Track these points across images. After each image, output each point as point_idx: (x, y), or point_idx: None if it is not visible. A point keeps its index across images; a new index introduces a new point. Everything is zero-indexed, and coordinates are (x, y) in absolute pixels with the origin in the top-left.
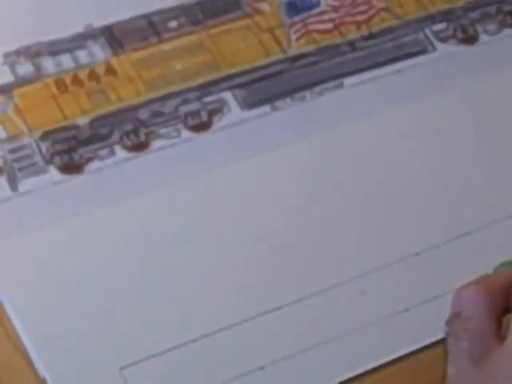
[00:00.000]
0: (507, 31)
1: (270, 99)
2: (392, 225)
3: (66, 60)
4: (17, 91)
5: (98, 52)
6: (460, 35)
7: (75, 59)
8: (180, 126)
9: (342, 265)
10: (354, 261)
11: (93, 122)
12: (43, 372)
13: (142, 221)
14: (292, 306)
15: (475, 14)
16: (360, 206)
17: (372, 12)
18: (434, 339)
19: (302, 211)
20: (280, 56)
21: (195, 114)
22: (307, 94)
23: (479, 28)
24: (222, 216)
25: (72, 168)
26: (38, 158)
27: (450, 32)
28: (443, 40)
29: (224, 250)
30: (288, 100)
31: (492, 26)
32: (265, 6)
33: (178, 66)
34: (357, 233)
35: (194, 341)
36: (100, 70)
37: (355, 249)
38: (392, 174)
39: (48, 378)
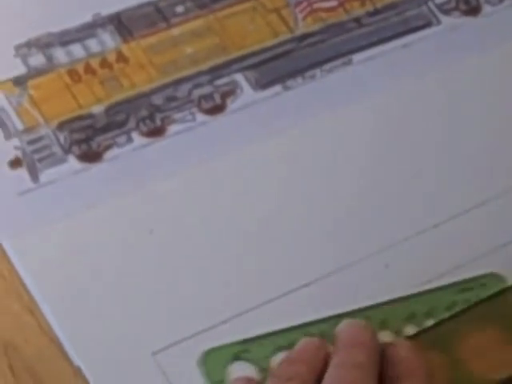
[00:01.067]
0: (509, 1)
1: (281, 79)
2: (410, 197)
3: (77, 49)
4: (31, 82)
5: (108, 40)
6: (463, 7)
7: (86, 48)
8: (194, 109)
9: (366, 239)
10: (378, 235)
11: (108, 110)
12: (77, 361)
13: (164, 207)
14: (318, 282)
15: None
16: (378, 181)
17: None
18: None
19: (322, 188)
20: (288, 36)
21: (208, 97)
22: (317, 72)
23: None
24: (242, 198)
25: (91, 156)
26: (56, 148)
27: (453, 4)
28: (447, 12)
29: (246, 232)
30: (299, 79)
31: None
32: None
33: (188, 50)
34: (377, 207)
35: (224, 322)
36: (111, 58)
37: (377, 223)
38: (405, 147)
39: (82, 367)
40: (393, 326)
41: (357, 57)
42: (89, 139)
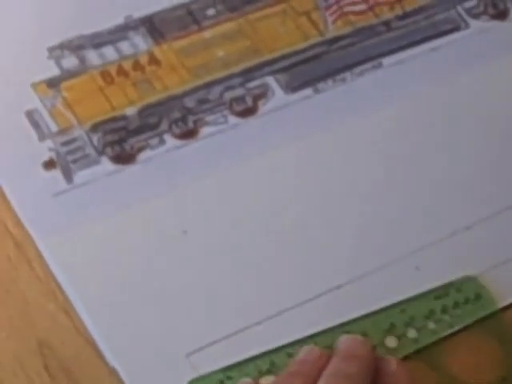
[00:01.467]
0: None
1: (311, 82)
2: (442, 199)
3: (110, 52)
4: (64, 84)
5: (140, 42)
6: (491, 11)
7: (118, 50)
8: (226, 112)
9: (398, 242)
10: (408, 237)
11: (141, 112)
12: (112, 362)
13: (197, 208)
14: (349, 284)
15: None
16: (408, 183)
17: None
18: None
19: (353, 190)
20: (318, 39)
21: (240, 99)
22: (348, 75)
23: (508, 3)
24: (274, 200)
25: (124, 158)
26: (90, 150)
27: (482, 8)
28: (475, 16)
29: (279, 233)
30: (329, 82)
31: None
32: None
33: (220, 52)
34: (409, 209)
35: (258, 323)
36: (143, 60)
37: (408, 225)
38: (436, 149)
39: (117, 367)
40: (374, 339)
41: (387, 60)
42: (122, 141)
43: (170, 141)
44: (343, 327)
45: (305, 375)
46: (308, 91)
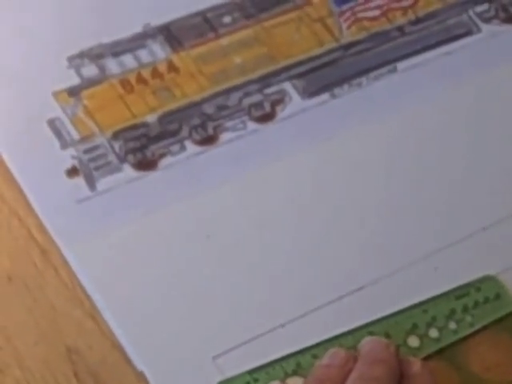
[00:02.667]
0: None
1: (328, 87)
2: (459, 201)
3: (129, 60)
4: (84, 93)
5: (158, 50)
6: (502, 15)
7: (137, 59)
8: (245, 117)
9: (417, 243)
10: (427, 239)
11: (161, 119)
12: (140, 366)
13: (219, 213)
14: (372, 286)
15: None
16: (430, 185)
17: None
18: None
19: (371, 193)
20: (333, 45)
21: (258, 105)
22: (363, 80)
23: None
24: (295, 203)
25: (146, 165)
26: (112, 157)
27: (493, 12)
28: (487, 21)
29: (301, 237)
30: (345, 87)
31: None
32: None
33: (237, 59)
34: (427, 211)
35: (282, 326)
36: (162, 68)
37: (427, 227)
38: (452, 152)
39: (145, 372)
40: (396, 339)
41: (401, 65)
42: (143, 148)
43: (191, 147)
44: (367, 328)
45: (332, 380)
46: (325, 96)
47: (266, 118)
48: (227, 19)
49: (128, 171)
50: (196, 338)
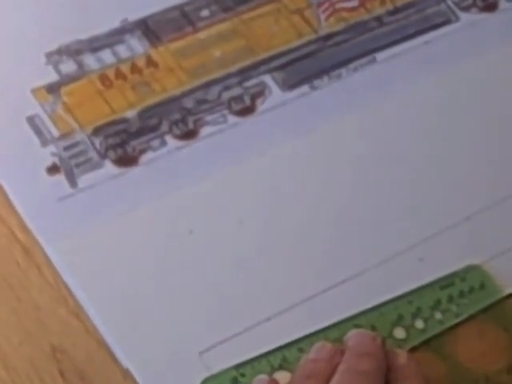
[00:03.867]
0: None
1: (307, 79)
2: (441, 191)
3: (107, 55)
4: (63, 89)
5: (137, 45)
6: (480, 3)
7: (116, 54)
8: (225, 111)
9: (401, 234)
10: (411, 230)
11: (141, 114)
12: (126, 363)
13: (202, 207)
14: (356, 278)
15: None
16: (412, 176)
17: None
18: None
19: (352, 186)
20: (312, 36)
21: (238, 98)
22: (343, 71)
23: None
24: (277, 197)
25: (127, 161)
26: (92, 154)
27: (470, 1)
28: (465, 9)
29: (282, 231)
30: (325, 78)
31: None
32: None
33: (216, 53)
34: (409, 202)
35: (267, 320)
36: (141, 63)
37: (410, 218)
38: (434, 142)
39: (132, 369)
40: (382, 331)
41: (380, 55)
42: (124, 143)
43: (171, 142)
44: (352, 320)
45: (319, 375)
46: (305, 88)
47: (247, 111)
48: (205, 13)
49: (109, 167)
50: (182, 334)
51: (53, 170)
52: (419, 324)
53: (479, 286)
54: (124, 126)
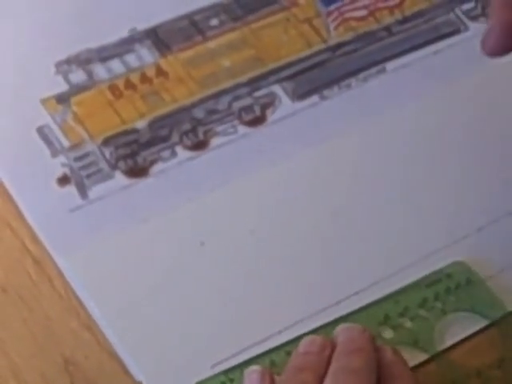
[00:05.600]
0: None
1: (317, 89)
2: (454, 201)
3: (117, 65)
4: (73, 99)
5: (146, 55)
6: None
7: (125, 64)
8: (236, 122)
9: (411, 246)
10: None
11: (151, 125)
12: (139, 376)
13: (213, 219)
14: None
15: None
16: (424, 187)
17: None
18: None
19: (367, 193)
20: (321, 46)
21: (248, 108)
22: (353, 81)
23: None
24: (289, 208)
25: (137, 172)
26: (103, 164)
27: (479, 10)
28: (474, 19)
29: (296, 241)
30: (335, 88)
31: None
32: None
33: (226, 62)
34: (419, 209)
35: (279, 332)
36: (151, 73)
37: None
38: (445, 151)
39: (144, 382)
40: (370, 331)
41: (390, 65)
42: (134, 154)
43: (182, 152)
44: (338, 322)
45: (312, 368)
46: (315, 98)
47: (257, 121)
48: (214, 22)
49: (119, 178)
50: (194, 346)
51: (63, 180)
52: (407, 323)
53: (465, 281)
54: (134, 136)
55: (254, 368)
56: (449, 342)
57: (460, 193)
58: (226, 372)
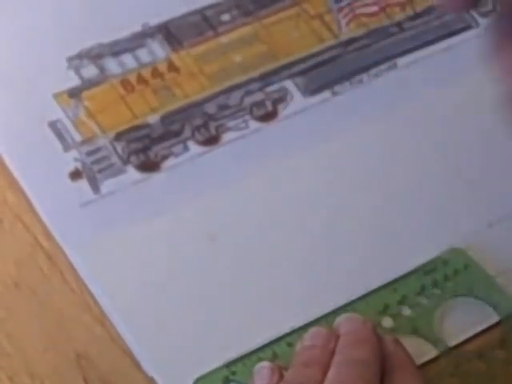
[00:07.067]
0: None
1: (329, 84)
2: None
3: (128, 60)
4: (85, 94)
5: (158, 50)
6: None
7: (137, 58)
8: (247, 117)
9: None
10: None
11: (163, 119)
12: (151, 372)
13: (225, 213)
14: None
15: None
16: (436, 183)
17: None
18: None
19: (375, 190)
20: (333, 41)
21: (260, 104)
22: (364, 76)
23: None
24: (300, 202)
25: (149, 166)
26: (115, 159)
27: (490, 6)
28: (484, 15)
29: (307, 235)
30: (346, 84)
31: None
32: None
33: (237, 58)
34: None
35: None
36: (162, 68)
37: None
38: (457, 146)
39: (156, 378)
40: (371, 322)
41: (401, 61)
42: (146, 149)
43: (194, 147)
44: (338, 312)
45: (317, 362)
46: (326, 94)
47: (268, 116)
48: (226, 17)
49: (131, 173)
50: (208, 343)
51: (75, 175)
52: (406, 311)
53: (463, 267)
54: (146, 131)
55: (264, 364)
56: (449, 328)
57: (471, 188)
58: (228, 365)
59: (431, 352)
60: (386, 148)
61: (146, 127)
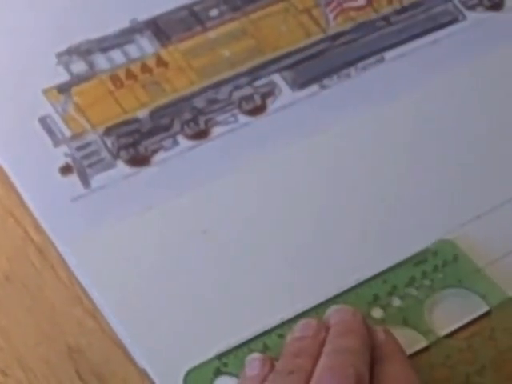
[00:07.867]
0: None
1: (317, 78)
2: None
3: (117, 55)
4: (74, 89)
5: (147, 45)
6: (486, 2)
7: (126, 54)
8: (236, 111)
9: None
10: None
11: (152, 114)
12: (143, 363)
13: (215, 207)
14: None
15: None
16: (424, 175)
17: None
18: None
19: (365, 185)
20: (320, 35)
21: (249, 98)
22: (352, 70)
23: None
24: (290, 196)
25: (139, 161)
26: (104, 154)
27: (477, 0)
28: (471, 8)
29: (296, 229)
30: (334, 78)
31: None
32: None
33: (226, 52)
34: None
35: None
36: (151, 63)
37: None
38: (445, 139)
39: (148, 369)
40: (360, 311)
41: (388, 54)
42: (136, 143)
43: (183, 142)
44: (328, 304)
45: (308, 353)
46: (314, 87)
47: (257, 110)
48: (214, 12)
49: (121, 167)
50: (199, 335)
51: (66, 170)
52: (396, 302)
53: (452, 258)
54: (136, 125)
55: (255, 355)
56: (438, 318)
57: (459, 180)
58: (219, 357)
59: (421, 342)
60: (374, 141)
61: (136, 122)
